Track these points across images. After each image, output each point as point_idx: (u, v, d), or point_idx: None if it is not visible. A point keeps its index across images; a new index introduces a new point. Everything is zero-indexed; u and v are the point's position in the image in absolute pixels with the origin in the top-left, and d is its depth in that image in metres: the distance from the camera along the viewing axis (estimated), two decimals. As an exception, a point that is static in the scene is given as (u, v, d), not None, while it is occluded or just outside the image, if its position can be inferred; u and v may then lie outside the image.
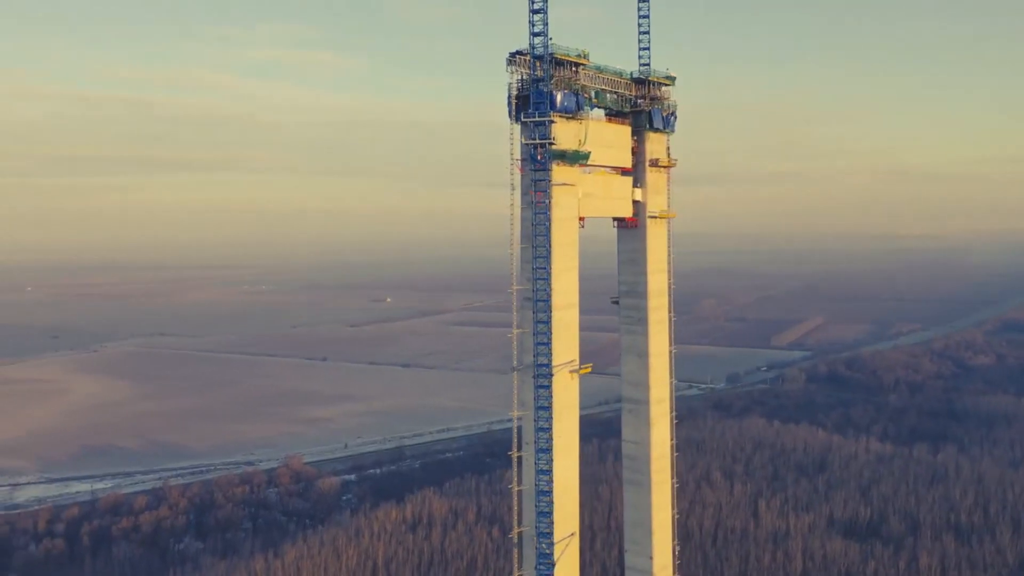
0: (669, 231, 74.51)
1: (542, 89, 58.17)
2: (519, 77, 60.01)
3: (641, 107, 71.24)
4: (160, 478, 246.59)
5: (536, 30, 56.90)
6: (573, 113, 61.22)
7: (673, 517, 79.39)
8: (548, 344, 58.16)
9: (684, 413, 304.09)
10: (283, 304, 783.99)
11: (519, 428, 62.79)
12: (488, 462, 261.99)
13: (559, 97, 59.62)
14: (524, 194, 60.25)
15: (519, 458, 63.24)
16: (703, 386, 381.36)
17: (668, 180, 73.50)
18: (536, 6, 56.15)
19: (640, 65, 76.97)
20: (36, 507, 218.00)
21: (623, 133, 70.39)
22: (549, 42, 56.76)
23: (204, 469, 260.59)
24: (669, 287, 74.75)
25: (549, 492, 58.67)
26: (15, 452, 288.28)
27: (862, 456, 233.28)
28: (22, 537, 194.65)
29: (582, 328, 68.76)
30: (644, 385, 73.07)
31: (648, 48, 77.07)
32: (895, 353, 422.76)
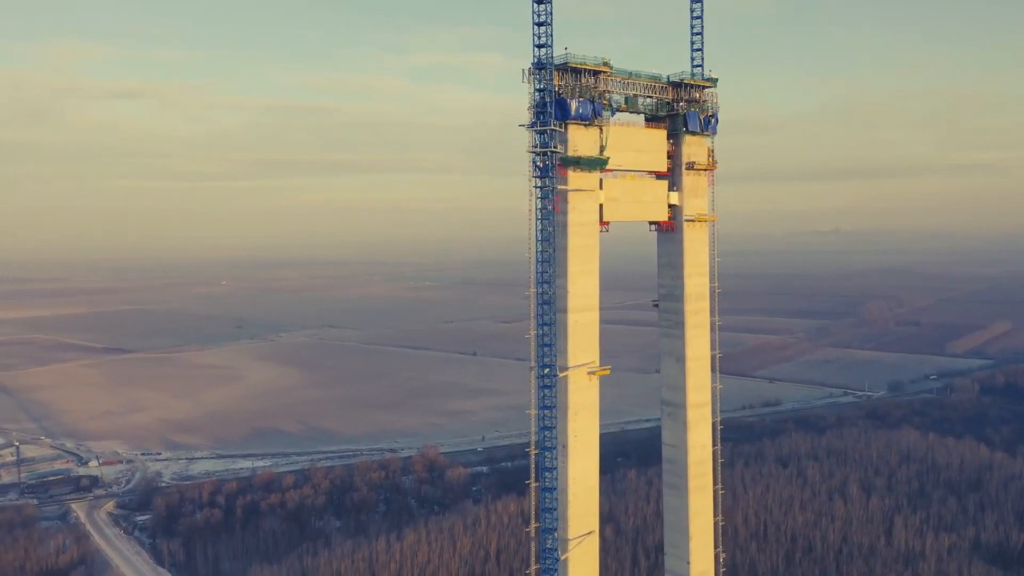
0: (713, 234, 73.61)
1: (545, 99, 60.02)
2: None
3: (677, 110, 70.93)
4: (311, 460, 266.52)
5: (539, 42, 58.85)
6: (590, 120, 62.50)
7: (717, 524, 78.09)
8: (552, 346, 59.93)
9: (831, 421, 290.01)
10: (441, 300, 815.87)
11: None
12: (618, 461, 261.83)
13: (574, 105, 61.16)
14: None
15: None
16: (859, 393, 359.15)
17: (710, 183, 72.58)
18: (539, 19, 58.14)
19: (692, 66, 76.52)
20: (204, 480, 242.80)
21: (656, 137, 70.43)
22: (555, 52, 58.57)
23: (351, 454, 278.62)
24: (714, 291, 73.78)
25: (554, 489, 60.42)
26: (195, 430, 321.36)
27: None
28: (189, 505, 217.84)
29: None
30: (681, 389, 72.70)
31: (701, 49, 76.50)
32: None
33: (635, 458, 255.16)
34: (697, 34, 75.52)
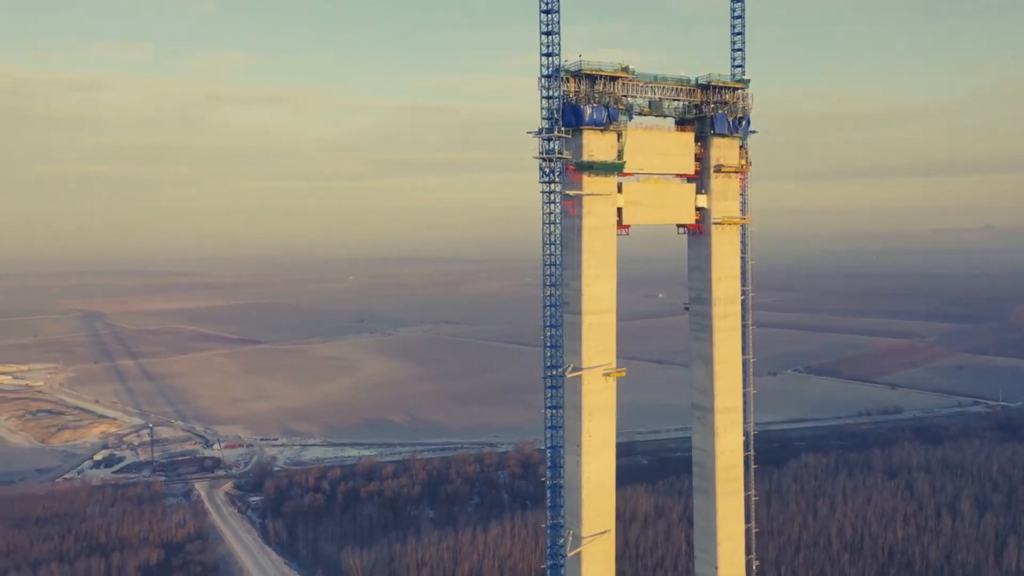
0: (748, 236, 72.33)
1: (552, 107, 61.15)
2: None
3: (705, 113, 70.22)
4: (413, 451, 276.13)
5: (546, 51, 60.09)
6: (605, 125, 63.11)
7: (750, 530, 76.60)
8: (559, 348, 61.09)
9: (953, 431, 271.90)
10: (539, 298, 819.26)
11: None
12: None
13: (588, 111, 62.01)
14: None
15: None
16: (992, 403, 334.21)
17: (742, 185, 71.38)
18: (547, 28, 59.39)
19: (732, 67, 75.47)
20: (312, 466, 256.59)
21: (683, 140, 69.97)
22: (570, 60, 59.68)
23: (451, 446, 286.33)
24: (748, 294, 72.57)
25: (561, 486, 61.63)
26: (311, 418, 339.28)
27: None
28: (296, 489, 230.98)
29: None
30: (710, 392, 71.97)
31: (741, 49, 75.42)
32: None
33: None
34: (738, 34, 74.48)
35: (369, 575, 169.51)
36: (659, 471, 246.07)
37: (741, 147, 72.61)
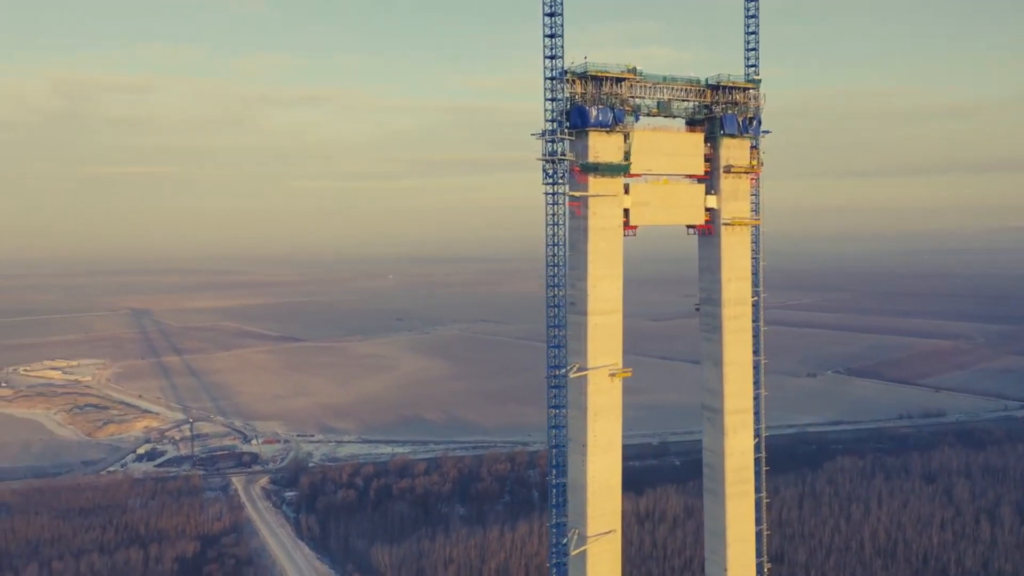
0: (759, 237, 71.86)
1: (556, 109, 61.52)
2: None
3: (714, 113, 69.96)
4: (446, 448, 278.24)
5: (549, 54, 60.50)
6: (611, 126, 63.32)
7: (761, 533, 76.06)
8: (562, 348, 61.46)
9: (997, 436, 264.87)
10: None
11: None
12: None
13: (593, 112, 62.32)
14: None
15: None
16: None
17: (753, 185, 70.93)
18: (549, 31, 59.81)
19: (746, 66, 75.08)
20: (346, 462, 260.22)
21: (692, 140, 69.84)
22: (575, 61, 59.98)
23: (484, 445, 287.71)
24: (760, 296, 72.13)
25: (562, 486, 62.04)
26: (347, 415, 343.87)
27: None
28: (330, 485, 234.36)
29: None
30: (719, 394, 71.71)
31: (755, 49, 74.97)
32: None
33: (769, 464, 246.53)
34: (751, 33, 74.08)
35: (398, 571, 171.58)
36: (691, 472, 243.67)
37: (753, 148, 72.23)
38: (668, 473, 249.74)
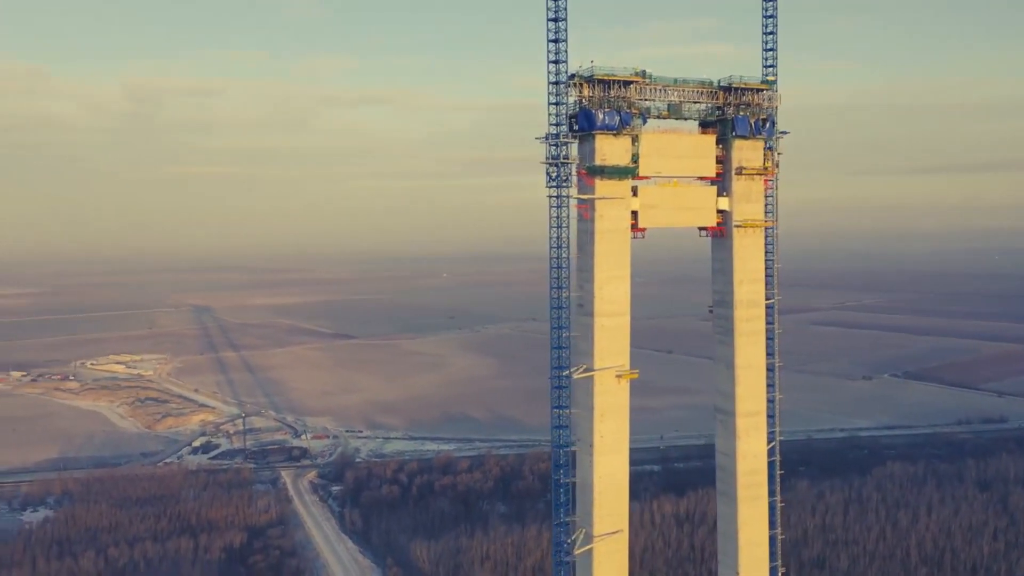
0: (775, 239, 71.16)
1: (560, 112, 62.06)
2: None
3: (726, 115, 69.54)
4: (490, 446, 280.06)
5: (552, 58, 61.07)
6: (617, 129, 63.57)
7: (775, 537, 75.27)
8: (566, 349, 62.01)
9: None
10: (648, 296, 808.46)
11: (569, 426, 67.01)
12: (801, 471, 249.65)
13: (600, 116, 62.69)
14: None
15: (572, 453, 67.59)
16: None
17: (767, 187, 70.26)
18: (553, 36, 60.40)
19: (764, 66, 74.45)
20: (391, 458, 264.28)
21: (703, 143, 69.55)
22: (581, 65, 60.49)
23: (529, 443, 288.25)
24: (776, 298, 71.44)
25: (565, 486, 62.62)
26: (396, 411, 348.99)
27: None
28: (375, 480, 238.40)
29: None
30: (731, 396, 71.28)
31: (773, 49, 74.29)
32: None
33: (816, 468, 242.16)
34: (769, 34, 73.45)
35: (435, 566, 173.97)
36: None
37: (768, 149, 71.54)
38: (711, 475, 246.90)
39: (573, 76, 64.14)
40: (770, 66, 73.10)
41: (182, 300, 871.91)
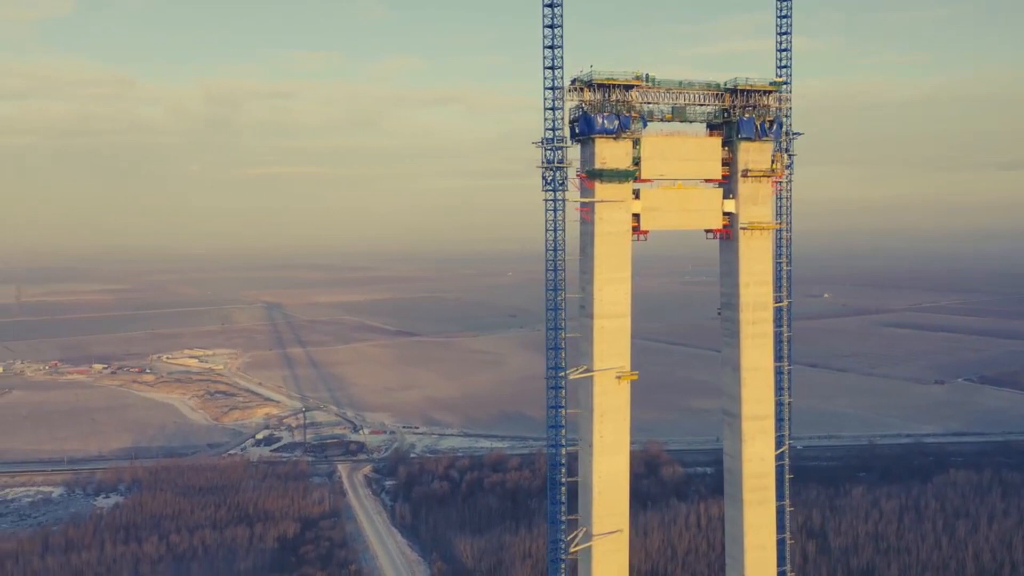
0: (785, 241, 70.40)
1: (555, 117, 62.77)
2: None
3: (732, 117, 69.07)
4: (544, 445, 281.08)
5: (548, 64, 61.84)
6: (617, 133, 63.95)
7: (784, 541, 74.37)
8: (562, 350, 62.79)
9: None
10: (710, 295, 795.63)
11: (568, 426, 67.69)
12: (860, 476, 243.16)
13: (599, 120, 63.22)
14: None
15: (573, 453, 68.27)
16: None
17: (776, 189, 69.51)
18: (549, 42, 61.20)
19: (778, 68, 73.69)
20: (444, 455, 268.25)
21: (708, 145, 69.23)
22: (581, 70, 61.19)
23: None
24: (785, 301, 70.69)
25: (562, 484, 63.41)
26: (453, 408, 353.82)
27: None
28: (427, 476, 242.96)
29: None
30: (737, 399, 70.84)
31: (788, 50, 73.46)
32: None
33: (877, 474, 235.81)
34: (783, 34, 72.70)
35: (478, 561, 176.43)
36: (794, 480, 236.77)
37: (777, 151, 70.75)
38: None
39: (574, 80, 65.01)
40: (784, 67, 72.31)
41: (255, 297, 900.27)
